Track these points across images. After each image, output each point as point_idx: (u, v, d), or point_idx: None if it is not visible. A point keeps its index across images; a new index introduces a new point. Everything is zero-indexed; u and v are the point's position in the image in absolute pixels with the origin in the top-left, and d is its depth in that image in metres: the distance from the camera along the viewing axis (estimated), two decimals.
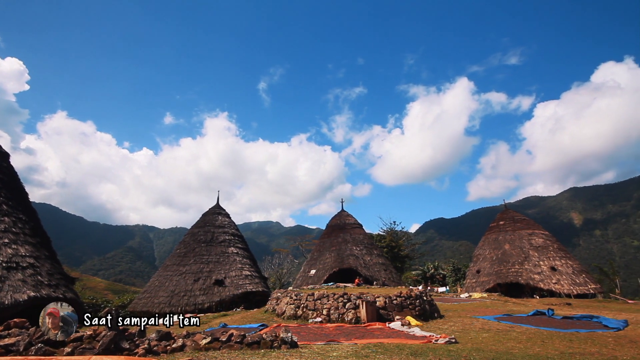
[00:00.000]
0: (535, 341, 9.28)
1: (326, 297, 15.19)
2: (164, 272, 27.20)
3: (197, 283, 25.27)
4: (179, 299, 24.12)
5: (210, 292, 24.72)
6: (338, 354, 6.82)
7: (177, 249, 29.81)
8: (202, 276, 25.85)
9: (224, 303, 24.22)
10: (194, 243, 29.27)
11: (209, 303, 23.91)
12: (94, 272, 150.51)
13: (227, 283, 25.60)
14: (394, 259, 52.16)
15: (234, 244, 29.76)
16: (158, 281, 26.31)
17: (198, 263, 27.04)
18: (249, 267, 28.08)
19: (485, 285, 34.38)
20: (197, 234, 30.30)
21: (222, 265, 27.11)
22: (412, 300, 14.80)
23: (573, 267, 32.50)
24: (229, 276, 26.20)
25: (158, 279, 26.61)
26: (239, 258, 28.36)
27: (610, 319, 12.98)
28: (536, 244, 35.21)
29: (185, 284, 25.19)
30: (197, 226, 31.57)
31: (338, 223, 40.37)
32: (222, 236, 30.09)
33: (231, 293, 24.83)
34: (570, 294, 29.84)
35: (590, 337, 9.98)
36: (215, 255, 27.94)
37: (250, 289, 25.61)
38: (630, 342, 9.08)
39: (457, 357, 6.60)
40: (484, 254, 38.04)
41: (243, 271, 27.01)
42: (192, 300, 23.99)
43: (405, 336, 10.10)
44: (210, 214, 32.86)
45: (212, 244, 29.14)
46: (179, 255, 28.50)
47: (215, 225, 31.17)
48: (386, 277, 33.14)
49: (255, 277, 27.31)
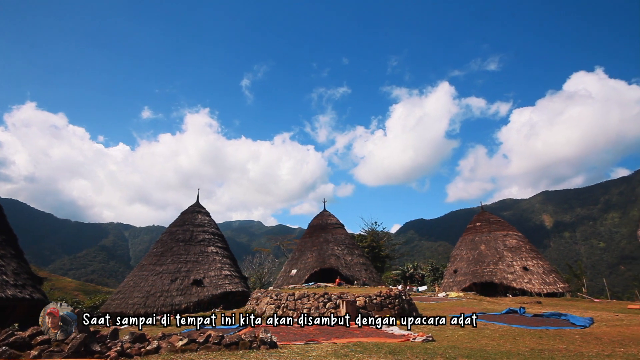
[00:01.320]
0: (508, 338, 9.62)
1: (307, 297, 15.17)
2: (140, 271, 26.34)
3: (175, 283, 24.62)
4: (154, 299, 23.41)
5: (188, 293, 24.14)
6: (317, 353, 6.81)
7: (154, 248, 28.94)
8: (179, 276, 25.21)
9: (202, 303, 23.72)
10: (171, 242, 28.51)
11: (186, 304, 23.34)
12: (63, 271, 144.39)
13: (206, 283, 25.09)
14: (374, 259, 52.78)
15: (213, 243, 29.20)
16: (133, 281, 25.45)
17: (176, 263, 26.35)
18: (229, 267, 27.63)
19: (462, 284, 35.36)
20: (175, 232, 29.53)
21: (201, 265, 26.55)
22: (392, 300, 15.01)
23: (544, 267, 33.97)
24: (208, 276, 25.68)
25: (133, 279, 25.74)
26: (218, 257, 27.86)
27: (578, 317, 13.64)
28: (510, 245, 36.55)
29: (161, 284, 24.48)
30: (175, 225, 30.77)
31: (320, 223, 40.42)
32: (201, 235, 29.46)
33: (210, 293, 24.35)
34: (540, 292, 31.17)
35: (559, 334, 10.45)
36: (194, 255, 27.31)
37: (229, 289, 25.20)
38: (596, 339, 9.56)
39: (434, 354, 6.74)
40: (461, 254, 39.14)
41: (223, 271, 26.54)
42: (168, 301, 23.35)
43: (385, 335, 10.22)
44: (190, 212, 32.11)
45: (191, 243, 28.48)
46: (155, 254, 27.67)
47: (194, 224, 30.48)
48: (367, 276, 33.47)
49: (235, 277, 26.90)
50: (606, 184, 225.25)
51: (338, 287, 22.58)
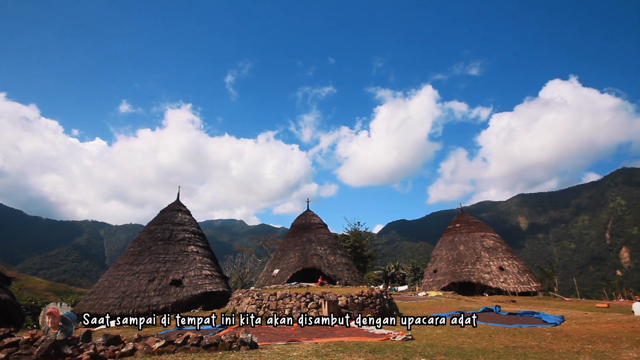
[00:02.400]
0: (484, 336, 9.92)
1: (289, 297, 15.11)
2: (115, 271, 25.46)
3: (152, 283, 23.94)
4: (130, 300, 22.69)
5: (166, 293, 23.52)
6: (298, 353, 6.79)
7: (131, 247, 28.04)
8: (157, 276, 24.53)
9: (181, 304, 23.19)
10: (150, 241, 27.70)
11: (164, 304, 22.75)
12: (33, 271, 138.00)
13: (185, 283, 24.54)
14: (357, 259, 53.20)
15: (194, 243, 28.60)
16: (108, 281, 24.57)
17: (154, 262, 25.63)
18: (210, 267, 27.14)
19: (441, 284, 36.19)
20: (154, 231, 28.71)
21: (180, 265, 25.94)
22: (373, 299, 15.17)
23: (518, 267, 35.24)
24: (188, 276, 25.13)
25: (108, 279, 24.85)
26: (199, 257, 27.31)
27: (549, 315, 14.22)
28: (487, 246, 37.72)
29: (138, 285, 23.75)
30: (154, 223, 29.93)
31: (303, 223, 40.37)
32: (181, 234, 28.79)
33: (189, 293, 23.83)
34: (515, 291, 32.32)
35: (531, 331, 10.87)
36: (174, 254, 26.66)
37: (210, 289, 24.75)
38: (566, 336, 10.00)
39: (413, 353, 6.85)
40: (441, 255, 40.06)
41: (203, 271, 26.04)
42: (145, 302, 22.68)
43: (365, 334, 10.31)
44: (170, 210, 31.32)
45: (171, 242, 27.78)
46: (132, 253, 26.81)
47: (174, 222, 29.75)
48: (349, 276, 33.68)
49: (215, 277, 26.45)
50: (577, 188, 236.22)
51: (320, 287, 22.61)
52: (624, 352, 7.16)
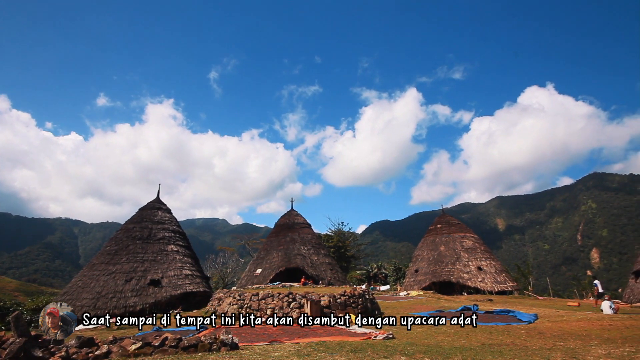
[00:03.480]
0: (462, 334, 10.17)
1: (271, 297, 15.01)
2: (90, 271, 24.54)
3: (130, 283, 23.22)
4: (106, 301, 21.92)
5: (144, 294, 22.87)
6: (280, 354, 6.74)
7: (107, 246, 27.11)
8: (135, 276, 23.81)
9: (159, 305, 22.60)
10: (127, 240, 26.85)
11: (141, 305, 22.11)
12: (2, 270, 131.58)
13: (164, 283, 23.94)
14: (340, 259, 53.47)
15: (174, 242, 27.94)
16: (82, 281, 23.65)
17: (131, 262, 24.86)
18: (190, 266, 26.60)
19: (422, 283, 36.87)
20: (132, 229, 27.86)
21: (159, 264, 25.28)
22: (355, 299, 15.27)
23: (496, 267, 36.36)
24: (167, 276, 24.53)
25: (82, 279, 23.92)
26: (179, 256, 26.70)
27: (524, 313, 14.73)
28: (467, 246, 38.71)
29: (114, 285, 22.98)
30: (132, 221, 29.04)
31: (287, 222, 40.22)
32: (161, 233, 28.06)
33: (168, 294, 23.26)
34: (492, 290, 33.33)
35: (507, 329, 11.23)
36: (152, 254, 25.94)
37: (190, 289, 24.26)
38: (539, 333, 10.40)
39: (393, 351, 6.93)
40: (422, 255, 40.81)
41: (183, 270, 25.48)
42: (121, 303, 21.97)
43: (347, 334, 10.36)
44: (149, 208, 30.49)
45: (149, 241, 27.02)
46: (109, 253, 25.92)
47: (153, 221, 28.97)
48: (332, 276, 33.80)
49: (196, 277, 25.95)
50: (552, 191, 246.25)
51: (303, 286, 22.59)
52: (593, 348, 7.50)
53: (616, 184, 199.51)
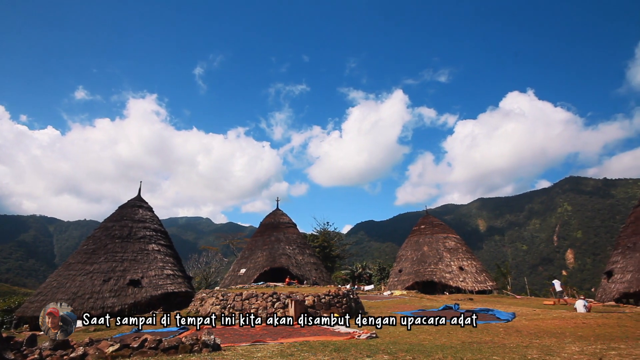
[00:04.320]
0: (443, 333, 10.38)
1: (255, 297, 14.87)
2: (66, 271, 23.64)
3: (108, 284, 22.51)
4: (82, 302, 21.17)
5: (123, 294, 22.21)
6: (263, 354, 6.69)
7: (85, 245, 26.18)
8: (114, 276, 23.10)
9: (139, 305, 22.01)
10: (106, 238, 26.01)
11: (120, 306, 21.47)
12: None
13: (145, 283, 23.33)
14: (325, 259, 53.56)
15: (155, 241, 27.26)
16: (57, 281, 22.76)
17: (110, 261, 24.10)
18: (172, 266, 26.02)
19: (406, 283, 37.38)
20: (111, 228, 27.00)
21: (139, 264, 24.61)
22: (340, 299, 15.32)
23: (476, 267, 37.25)
24: (147, 276, 23.91)
25: (57, 279, 23.02)
26: (160, 256, 26.08)
27: (502, 312, 15.15)
28: (449, 247, 39.49)
29: (92, 285, 22.22)
30: (111, 220, 28.16)
31: (272, 222, 39.96)
32: (141, 232, 27.32)
33: (148, 294, 22.68)
34: (473, 290, 34.13)
35: (486, 327, 11.53)
36: (132, 253, 25.23)
37: (171, 289, 23.74)
38: (517, 331, 10.73)
39: (376, 350, 6.99)
40: (406, 255, 41.37)
41: (164, 270, 24.90)
42: (99, 303, 21.27)
43: (331, 333, 10.38)
44: (130, 206, 29.62)
45: (130, 240, 26.26)
46: (86, 252, 25.04)
47: (134, 219, 28.18)
48: (317, 276, 33.81)
49: (178, 277, 25.41)
50: (530, 194, 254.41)
51: (288, 286, 22.49)
52: (567, 346, 7.79)
53: (590, 187, 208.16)
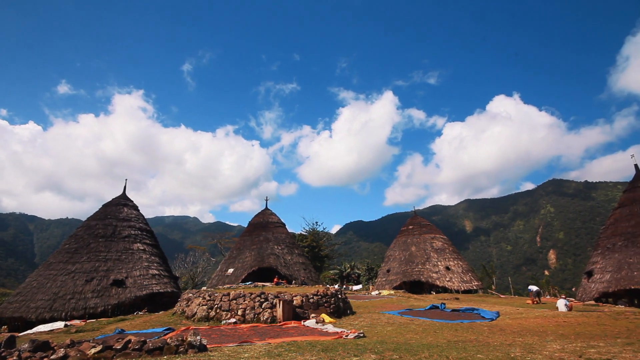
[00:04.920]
0: (429, 332, 10.50)
1: (242, 297, 14.73)
2: (46, 270, 22.96)
3: (90, 284, 21.96)
4: (64, 302, 20.59)
5: (106, 294, 21.71)
6: (250, 355, 6.63)
7: (66, 244, 25.48)
8: (96, 276, 22.55)
9: (123, 306, 21.55)
10: (89, 237, 25.37)
11: (103, 307, 20.98)
12: None
13: (129, 283, 22.85)
14: (314, 259, 53.57)
15: (140, 240, 26.74)
16: (37, 282, 22.08)
17: (93, 261, 23.51)
18: (158, 266, 25.58)
19: (394, 283, 37.71)
20: (94, 227, 26.36)
21: (123, 264, 24.09)
22: (328, 299, 15.33)
23: (462, 267, 37.88)
24: (132, 276, 23.43)
25: (37, 279, 22.33)
26: (145, 255, 25.59)
27: (487, 311, 15.43)
28: (436, 247, 40.03)
29: (73, 285, 21.64)
30: (95, 218, 27.49)
31: (261, 221, 39.74)
32: (126, 230, 26.76)
33: (133, 295, 22.23)
34: (459, 289, 34.69)
35: (471, 326, 11.72)
36: (116, 252, 24.68)
37: (157, 289, 23.33)
38: (500, 330, 10.95)
39: (364, 350, 7.02)
40: (394, 255, 41.74)
41: (150, 270, 24.46)
42: (81, 304, 20.73)
43: (319, 333, 10.38)
44: (114, 204, 28.98)
45: (114, 239, 25.69)
46: (68, 251, 24.37)
47: (118, 218, 27.57)
48: (305, 276, 33.78)
49: (164, 277, 25.00)
50: (515, 195, 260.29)
51: (276, 286, 22.40)
52: (549, 344, 7.99)
53: (572, 190, 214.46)
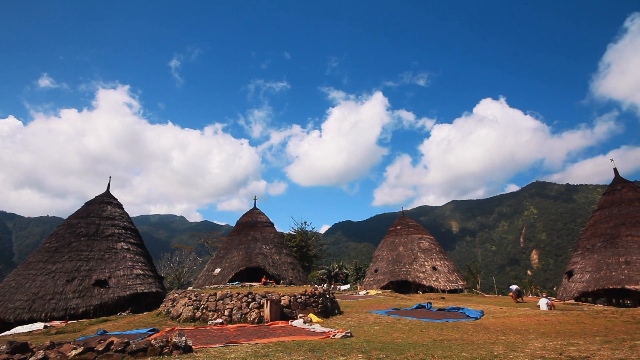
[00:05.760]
0: (416, 331, 10.62)
1: (229, 297, 14.58)
2: (25, 270, 22.19)
3: (72, 284, 21.34)
4: (43, 303, 19.95)
5: (88, 295, 21.13)
6: (236, 355, 6.56)
7: (47, 243, 24.70)
8: (78, 276, 21.93)
9: (105, 307, 21.02)
10: (70, 236, 24.64)
11: (85, 307, 20.41)
12: None
13: (112, 283, 22.32)
14: (302, 259, 53.50)
15: (124, 239, 26.14)
16: (15, 281, 21.31)
17: (74, 260, 22.86)
18: (142, 266, 25.06)
19: (381, 283, 38.00)
20: (76, 225, 25.62)
21: (106, 263, 23.51)
22: (316, 299, 15.33)
23: (449, 267, 38.47)
24: (115, 275, 22.88)
25: (15, 279, 21.56)
26: (129, 255, 25.03)
27: (472, 310, 15.72)
28: (423, 247, 40.54)
29: (54, 285, 20.99)
30: (77, 216, 26.72)
31: (249, 221, 39.43)
32: (110, 229, 26.11)
33: (116, 295, 21.72)
34: (445, 289, 35.23)
35: (457, 325, 11.92)
36: (99, 252, 24.05)
37: (141, 289, 22.85)
38: (484, 328, 11.17)
39: (351, 349, 7.04)
40: (382, 255, 42.07)
41: (134, 270, 23.93)
42: (62, 305, 20.12)
43: (306, 333, 10.36)
44: (97, 202, 28.23)
45: (96, 238, 25.02)
46: (48, 250, 23.61)
47: (102, 216, 26.88)
48: (293, 276, 33.70)
49: (148, 277, 24.51)
50: (500, 197, 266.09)
51: (264, 286, 22.26)
52: (531, 342, 8.20)
53: (554, 192, 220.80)
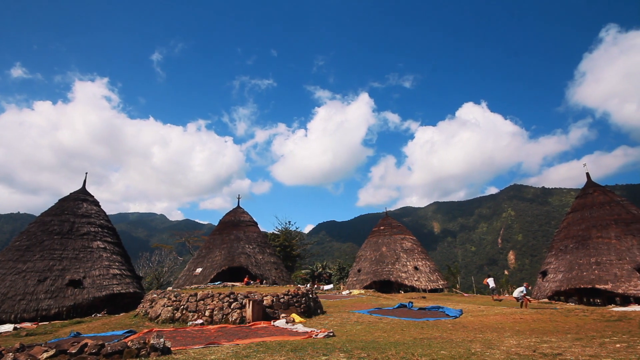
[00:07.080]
0: (397, 330, 10.77)
1: (210, 297, 14.33)
2: None
3: (44, 284, 20.43)
4: (13, 304, 19.01)
5: (61, 295, 20.29)
6: (216, 357, 6.45)
7: (17, 241, 23.55)
8: (50, 275, 21.02)
9: (79, 308, 20.24)
10: (42, 234, 23.58)
11: (57, 308, 19.60)
12: None
13: (87, 284, 21.52)
14: (286, 258, 53.23)
15: (101, 238, 25.25)
16: None
17: (47, 259, 21.89)
18: (119, 265, 24.29)
19: (364, 282, 38.31)
20: (49, 223, 24.54)
21: (81, 263, 22.64)
22: (299, 298, 15.28)
23: (430, 267, 39.20)
24: (90, 275, 22.07)
25: None
26: (106, 254, 24.20)
27: (451, 309, 16.07)
28: (406, 247, 41.15)
29: (24, 285, 20.04)
30: (50, 214, 25.60)
31: (232, 220, 38.91)
32: (85, 227, 25.16)
33: (91, 296, 20.95)
34: (426, 288, 35.87)
35: (437, 324, 12.17)
36: (73, 251, 23.14)
37: (118, 290, 22.14)
38: (463, 327, 11.45)
39: (333, 349, 7.05)
40: (365, 255, 42.42)
41: (110, 269, 23.16)
42: (33, 306, 19.24)
43: (289, 333, 10.31)
44: (72, 199, 27.14)
45: (70, 236, 24.05)
46: (18, 248, 22.52)
47: (77, 214, 25.86)
48: (277, 275, 33.49)
49: (126, 277, 23.78)
50: (480, 199, 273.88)
51: (246, 286, 22.03)
52: (506, 339, 8.46)
53: (531, 195, 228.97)
